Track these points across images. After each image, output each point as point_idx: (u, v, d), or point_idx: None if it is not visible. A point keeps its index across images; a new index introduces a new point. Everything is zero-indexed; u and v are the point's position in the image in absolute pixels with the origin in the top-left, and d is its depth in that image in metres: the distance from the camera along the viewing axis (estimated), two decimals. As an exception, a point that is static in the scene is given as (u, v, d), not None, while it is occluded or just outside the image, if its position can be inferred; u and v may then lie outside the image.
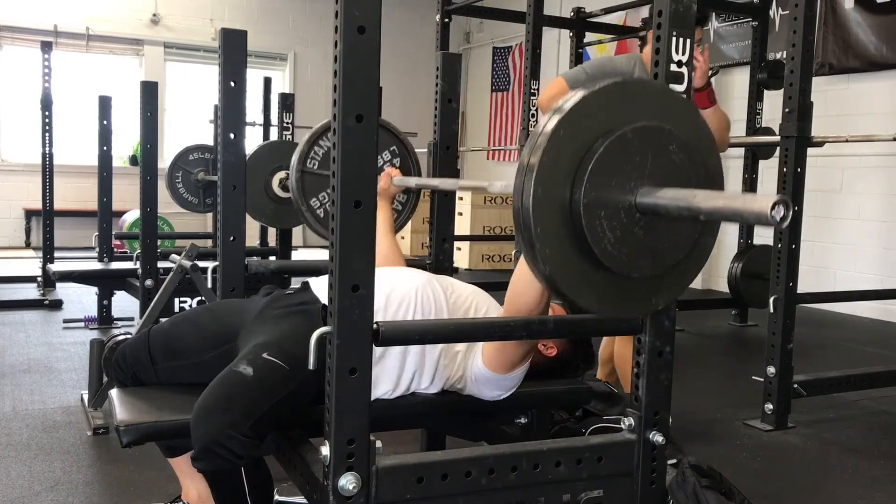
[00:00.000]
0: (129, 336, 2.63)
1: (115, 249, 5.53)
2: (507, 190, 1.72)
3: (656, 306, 1.49)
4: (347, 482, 1.40)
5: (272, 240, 5.21)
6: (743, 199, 1.19)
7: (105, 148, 5.20)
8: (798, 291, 3.17)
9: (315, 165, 2.72)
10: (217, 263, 2.57)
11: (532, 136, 1.33)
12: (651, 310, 1.52)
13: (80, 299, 5.63)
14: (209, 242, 5.54)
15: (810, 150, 3.19)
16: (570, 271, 1.34)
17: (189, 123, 9.12)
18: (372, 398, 1.44)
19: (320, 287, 1.97)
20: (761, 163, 5.34)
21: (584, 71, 2.70)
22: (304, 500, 1.97)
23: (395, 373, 1.90)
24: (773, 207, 1.11)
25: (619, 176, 1.32)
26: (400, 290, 1.95)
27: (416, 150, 2.82)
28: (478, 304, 2.06)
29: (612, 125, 1.33)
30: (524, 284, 1.74)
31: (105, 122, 5.15)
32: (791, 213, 1.13)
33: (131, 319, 4.85)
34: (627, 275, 1.37)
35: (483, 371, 1.91)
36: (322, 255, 1.64)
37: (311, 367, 1.41)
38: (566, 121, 1.31)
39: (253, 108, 5.55)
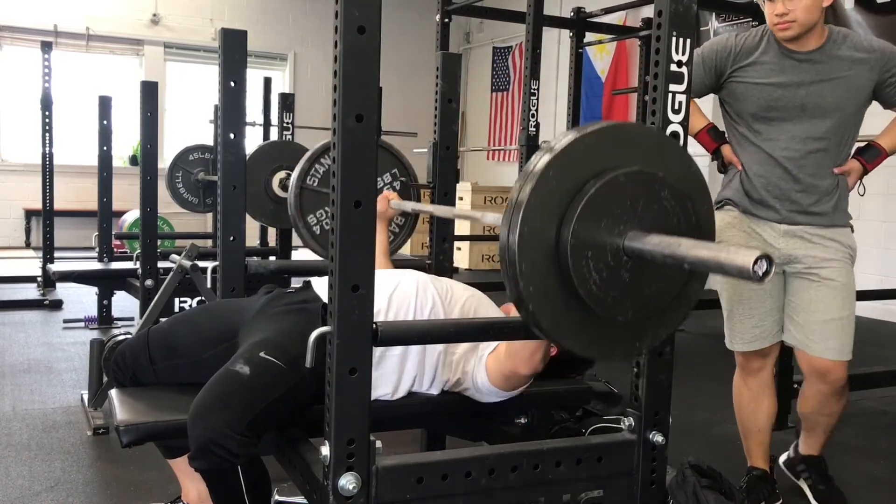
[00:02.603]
0: (128, 336, 2.63)
1: (115, 249, 5.53)
2: (499, 221, 1.75)
3: (640, 350, 1.49)
4: (347, 482, 1.40)
5: (272, 240, 5.21)
6: (727, 251, 1.19)
7: (105, 148, 5.20)
8: (798, 291, 3.16)
9: (315, 183, 2.74)
10: (217, 263, 2.57)
11: (523, 173, 1.33)
12: (635, 354, 1.53)
13: (80, 299, 5.63)
14: (209, 242, 5.54)
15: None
16: (553, 311, 1.33)
17: (189, 123, 9.11)
18: (372, 399, 1.44)
19: (321, 286, 1.97)
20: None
21: (700, 56, 2.44)
22: (304, 500, 1.97)
23: (394, 377, 1.90)
24: (755, 262, 1.12)
25: (609, 218, 1.32)
26: (400, 292, 1.95)
27: (417, 152, 2.83)
28: (476, 306, 2.05)
29: (605, 167, 1.33)
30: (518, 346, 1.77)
31: (105, 122, 5.15)
32: (773, 268, 1.13)
33: (131, 319, 4.85)
34: (612, 318, 1.36)
35: (486, 385, 1.92)
36: (322, 255, 1.64)
37: (307, 365, 1.41)
38: (557, 160, 1.30)
39: (253, 108, 5.55)
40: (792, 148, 2.31)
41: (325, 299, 1.88)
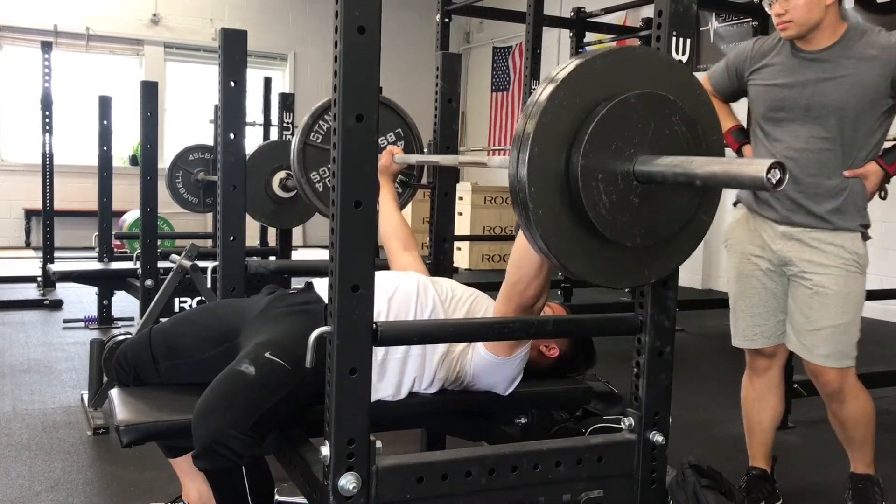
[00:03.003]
0: (129, 336, 2.63)
1: (115, 249, 5.53)
2: (506, 163, 1.72)
3: (649, 279, 1.48)
4: (347, 482, 1.40)
5: (272, 240, 5.21)
6: (738, 163, 1.19)
7: (105, 148, 5.20)
8: (798, 291, 3.16)
9: (318, 139, 2.73)
10: (217, 263, 2.57)
11: (528, 105, 1.31)
12: (644, 282, 1.50)
13: (80, 299, 5.63)
14: (209, 242, 5.53)
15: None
16: (563, 235, 1.32)
17: (189, 123, 9.11)
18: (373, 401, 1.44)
19: (323, 286, 1.97)
20: (761, 163, 5.33)
21: (725, 60, 2.52)
22: (304, 500, 1.97)
23: (395, 379, 1.90)
24: (768, 171, 1.11)
25: (619, 141, 1.31)
26: (400, 293, 1.95)
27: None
28: (477, 306, 2.05)
29: (615, 91, 1.32)
30: (522, 254, 1.70)
31: (105, 122, 5.15)
32: (787, 176, 1.13)
33: (131, 319, 4.85)
34: (621, 243, 1.35)
35: (484, 356, 1.89)
36: (322, 255, 1.64)
37: (307, 364, 1.41)
38: (569, 81, 1.29)
39: (253, 108, 5.54)
40: (794, 148, 2.30)
41: (327, 300, 1.89)
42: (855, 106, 2.24)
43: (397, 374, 1.90)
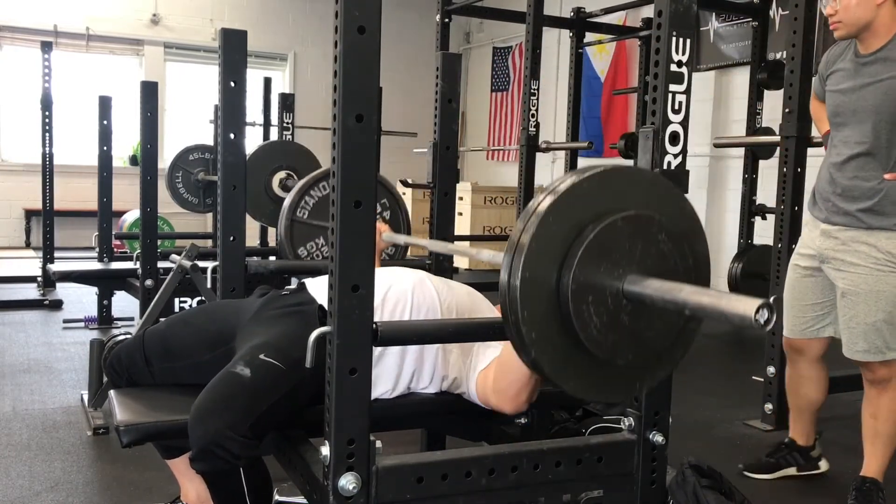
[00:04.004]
0: (128, 336, 2.63)
1: (115, 249, 5.53)
2: (495, 259, 1.76)
3: (640, 390, 1.51)
4: (347, 482, 1.40)
5: (272, 240, 5.21)
6: (728, 299, 1.19)
7: (105, 148, 5.20)
8: (798, 291, 3.17)
9: (305, 215, 2.75)
10: (217, 263, 2.57)
11: (525, 213, 1.34)
12: (635, 394, 1.55)
13: (80, 299, 5.63)
14: (209, 242, 5.54)
15: (810, 150, 3.19)
16: (555, 356, 1.34)
17: (189, 123, 9.11)
18: (371, 398, 1.44)
19: (315, 287, 1.97)
20: (761, 163, 5.34)
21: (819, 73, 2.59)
22: (304, 500, 1.97)
23: (393, 372, 1.90)
24: (757, 311, 1.11)
25: (608, 262, 1.33)
26: (395, 290, 1.95)
27: (417, 152, 2.83)
28: (472, 304, 2.06)
29: (603, 211, 1.34)
30: (512, 363, 1.74)
31: (105, 122, 5.15)
32: (776, 316, 1.13)
33: (131, 319, 4.85)
34: (613, 361, 1.37)
35: (475, 400, 1.92)
36: (322, 255, 1.64)
37: (307, 364, 1.41)
38: (557, 205, 1.31)
39: (253, 108, 5.55)
40: (839, 153, 2.40)
41: (320, 301, 1.89)
42: (889, 109, 2.28)
43: (395, 367, 1.90)
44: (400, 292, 1.95)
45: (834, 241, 2.40)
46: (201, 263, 2.94)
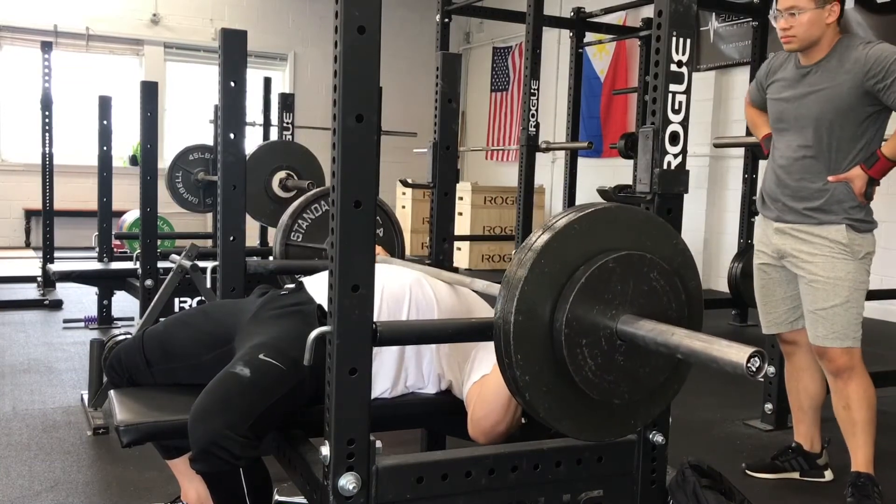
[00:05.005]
0: (128, 336, 2.63)
1: (115, 249, 5.53)
2: (489, 290, 1.81)
3: (635, 427, 1.52)
4: (347, 482, 1.40)
5: (272, 240, 5.21)
6: (719, 345, 1.19)
7: (105, 148, 5.20)
8: (798, 291, 3.17)
9: (299, 238, 2.76)
10: (217, 263, 2.57)
11: (521, 250, 1.34)
12: (630, 431, 1.55)
13: (80, 299, 5.63)
14: (209, 242, 5.54)
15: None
16: (549, 398, 1.35)
17: (189, 123, 9.11)
18: (371, 397, 1.44)
19: (314, 287, 1.97)
20: (761, 163, 5.34)
21: (757, 74, 2.74)
22: (304, 500, 1.97)
23: (392, 370, 1.90)
24: (749, 359, 1.11)
25: (601, 303, 1.33)
26: (392, 288, 1.94)
27: (417, 152, 2.83)
28: (469, 303, 2.05)
29: (594, 252, 1.34)
30: (495, 391, 1.74)
31: (105, 122, 5.15)
32: (766, 364, 1.13)
33: (131, 319, 4.85)
34: (608, 401, 1.38)
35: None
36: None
37: (305, 363, 1.41)
38: (548, 248, 1.32)
39: (253, 108, 5.55)
40: (785, 156, 2.55)
41: (319, 300, 1.89)
42: (828, 116, 2.44)
43: (394, 365, 1.90)
44: (396, 291, 1.94)
45: (789, 237, 2.55)
46: (201, 263, 2.94)
